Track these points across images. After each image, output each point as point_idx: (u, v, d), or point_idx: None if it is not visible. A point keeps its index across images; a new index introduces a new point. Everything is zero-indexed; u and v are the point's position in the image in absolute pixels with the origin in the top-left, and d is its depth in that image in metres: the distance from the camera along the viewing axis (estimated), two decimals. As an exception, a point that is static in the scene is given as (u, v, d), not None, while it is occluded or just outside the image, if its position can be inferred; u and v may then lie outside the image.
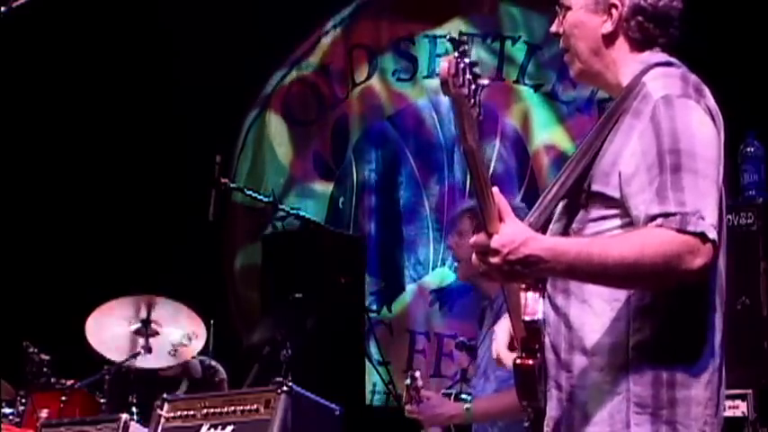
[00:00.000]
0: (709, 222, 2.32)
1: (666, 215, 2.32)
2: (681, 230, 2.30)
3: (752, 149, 4.99)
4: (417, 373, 4.34)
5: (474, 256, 2.35)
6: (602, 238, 2.41)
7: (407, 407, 4.28)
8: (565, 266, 2.32)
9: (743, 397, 4.59)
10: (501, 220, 2.30)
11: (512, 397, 4.11)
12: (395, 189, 7.80)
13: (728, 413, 4.35)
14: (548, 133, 7.56)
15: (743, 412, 4.60)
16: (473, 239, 2.32)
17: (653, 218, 2.33)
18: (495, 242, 2.28)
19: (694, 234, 2.30)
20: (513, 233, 2.30)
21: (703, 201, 2.34)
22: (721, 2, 6.09)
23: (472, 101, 2.19)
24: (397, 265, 7.68)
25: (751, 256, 4.69)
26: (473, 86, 2.19)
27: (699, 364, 2.42)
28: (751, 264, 4.69)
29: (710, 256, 2.32)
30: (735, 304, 4.53)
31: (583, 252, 2.31)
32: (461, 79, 2.15)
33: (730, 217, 4.51)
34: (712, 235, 2.32)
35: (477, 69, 2.20)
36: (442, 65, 2.14)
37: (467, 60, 2.17)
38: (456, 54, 2.15)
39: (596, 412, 2.43)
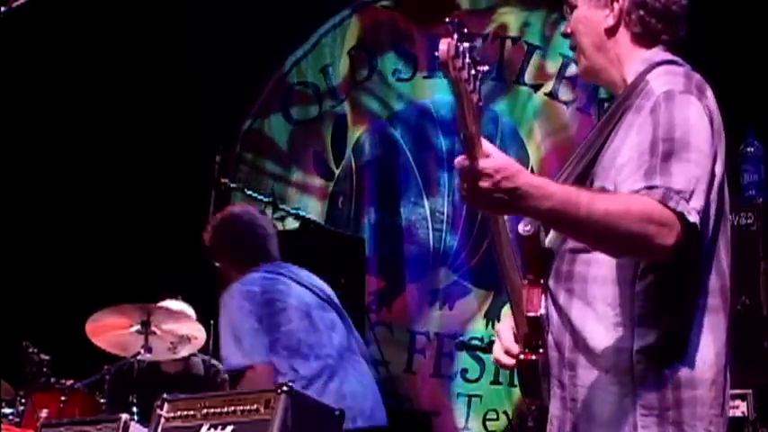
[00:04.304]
0: (692, 206, 2.29)
1: (650, 188, 2.29)
2: (662, 203, 2.27)
3: (752, 149, 5.00)
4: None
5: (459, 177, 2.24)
6: (590, 191, 2.36)
7: None
8: (549, 208, 2.22)
9: (743, 397, 4.59)
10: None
11: None
12: (394, 189, 7.79)
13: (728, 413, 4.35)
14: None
15: (743, 412, 4.60)
16: (461, 160, 2.18)
17: (637, 192, 2.30)
18: (489, 165, 2.17)
19: (674, 211, 2.27)
20: (508, 162, 2.21)
21: (691, 186, 2.30)
22: (721, 1, 6.09)
23: (472, 86, 2.12)
24: (397, 265, 7.68)
25: (751, 256, 4.69)
26: (473, 71, 2.13)
27: (703, 365, 2.40)
28: (751, 264, 4.69)
29: (685, 237, 2.27)
30: (735, 304, 4.52)
31: (571, 199, 2.24)
32: (461, 62, 2.09)
33: (730, 217, 4.51)
34: (693, 218, 2.28)
35: (477, 56, 2.14)
36: (441, 47, 2.08)
37: (466, 44, 2.11)
38: (455, 36, 2.09)
39: (602, 413, 2.42)
